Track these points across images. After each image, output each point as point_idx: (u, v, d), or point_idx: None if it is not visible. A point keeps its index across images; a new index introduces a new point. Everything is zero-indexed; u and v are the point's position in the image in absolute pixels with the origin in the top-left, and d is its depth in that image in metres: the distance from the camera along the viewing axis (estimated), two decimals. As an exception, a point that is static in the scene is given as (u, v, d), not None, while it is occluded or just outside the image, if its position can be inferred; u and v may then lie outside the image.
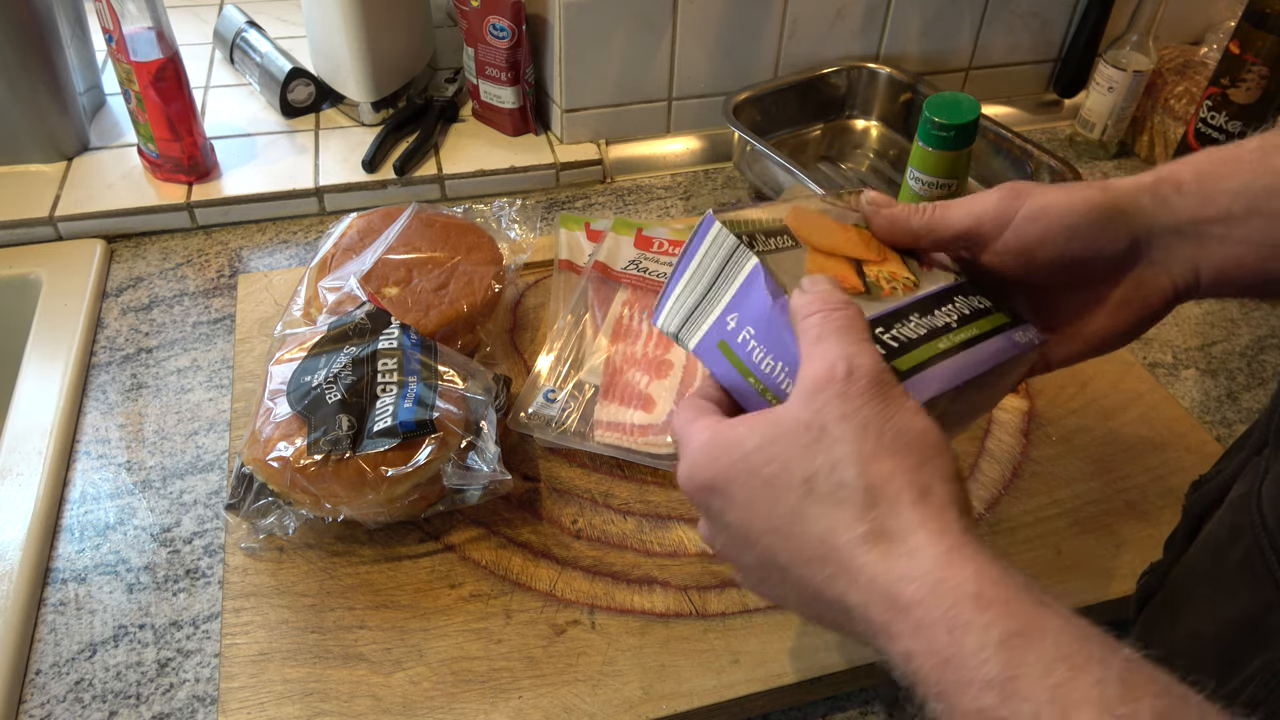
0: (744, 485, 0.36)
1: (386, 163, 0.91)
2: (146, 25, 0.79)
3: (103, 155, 0.91)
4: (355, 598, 0.56)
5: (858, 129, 1.02)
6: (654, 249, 0.78)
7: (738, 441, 0.36)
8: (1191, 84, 1.01)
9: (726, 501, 0.36)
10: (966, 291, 0.46)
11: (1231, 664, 0.39)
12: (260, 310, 0.75)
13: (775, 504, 0.35)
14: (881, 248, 0.46)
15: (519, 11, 0.89)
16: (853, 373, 0.35)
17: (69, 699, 0.53)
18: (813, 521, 0.34)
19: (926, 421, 0.35)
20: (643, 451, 0.64)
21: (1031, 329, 0.46)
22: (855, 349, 0.36)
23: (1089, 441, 0.69)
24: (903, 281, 0.44)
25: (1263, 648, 0.37)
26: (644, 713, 0.52)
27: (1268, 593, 0.38)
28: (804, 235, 0.43)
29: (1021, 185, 0.44)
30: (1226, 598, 0.41)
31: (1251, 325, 0.84)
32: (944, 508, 0.33)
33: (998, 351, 0.43)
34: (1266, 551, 0.38)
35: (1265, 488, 0.40)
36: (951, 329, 0.42)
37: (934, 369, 0.40)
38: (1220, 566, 0.42)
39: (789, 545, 0.35)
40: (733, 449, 0.36)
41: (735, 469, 0.36)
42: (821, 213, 0.46)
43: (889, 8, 0.98)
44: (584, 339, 0.71)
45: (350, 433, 0.55)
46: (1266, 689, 0.37)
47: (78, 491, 0.64)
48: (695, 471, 0.37)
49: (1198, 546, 0.46)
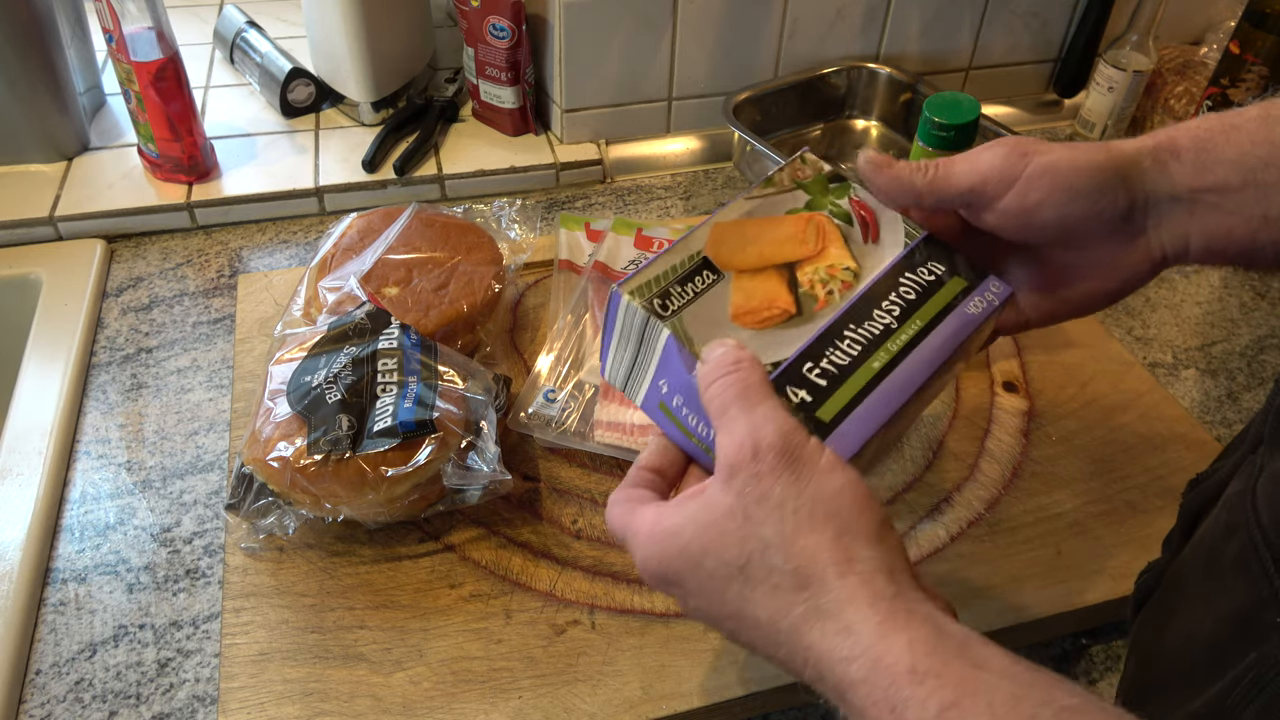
0: (692, 576, 0.36)
1: (386, 163, 0.91)
2: (146, 25, 0.79)
3: (103, 155, 0.91)
4: (355, 598, 0.56)
5: (858, 129, 1.02)
6: (654, 249, 0.78)
7: (677, 532, 0.37)
8: (1191, 84, 1.01)
9: (683, 591, 0.37)
10: (919, 260, 0.44)
11: (1224, 660, 0.39)
12: (260, 310, 0.75)
13: (723, 593, 0.36)
14: (820, 230, 0.45)
15: (519, 11, 0.89)
16: (758, 450, 0.35)
17: (69, 699, 0.53)
18: (758, 607, 0.35)
19: (842, 479, 0.35)
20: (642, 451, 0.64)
21: (996, 283, 0.45)
22: (758, 418, 0.36)
23: (1089, 441, 0.69)
24: (841, 277, 0.43)
25: (1255, 643, 0.37)
26: (644, 713, 0.52)
27: (1261, 589, 0.38)
28: (726, 259, 0.43)
29: (1025, 142, 0.43)
30: (1220, 595, 0.41)
31: (1251, 325, 0.84)
32: (871, 576, 0.33)
33: (949, 338, 0.42)
34: (1260, 548, 0.39)
35: (1260, 485, 0.40)
36: (891, 331, 0.42)
37: (861, 409, 0.39)
38: (1215, 564, 0.42)
39: (745, 628, 0.36)
40: (673, 540, 0.37)
41: (677, 563, 0.36)
42: (745, 217, 0.45)
43: (889, 8, 0.98)
44: (584, 339, 0.71)
45: (350, 433, 0.55)
46: (1258, 685, 0.37)
47: (78, 491, 0.64)
48: (647, 564, 0.38)
49: (1193, 545, 0.46)
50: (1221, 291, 0.87)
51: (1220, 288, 0.88)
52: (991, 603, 0.58)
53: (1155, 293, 0.86)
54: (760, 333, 0.41)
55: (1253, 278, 0.89)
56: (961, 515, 0.63)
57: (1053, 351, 0.76)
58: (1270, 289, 0.88)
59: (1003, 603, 0.58)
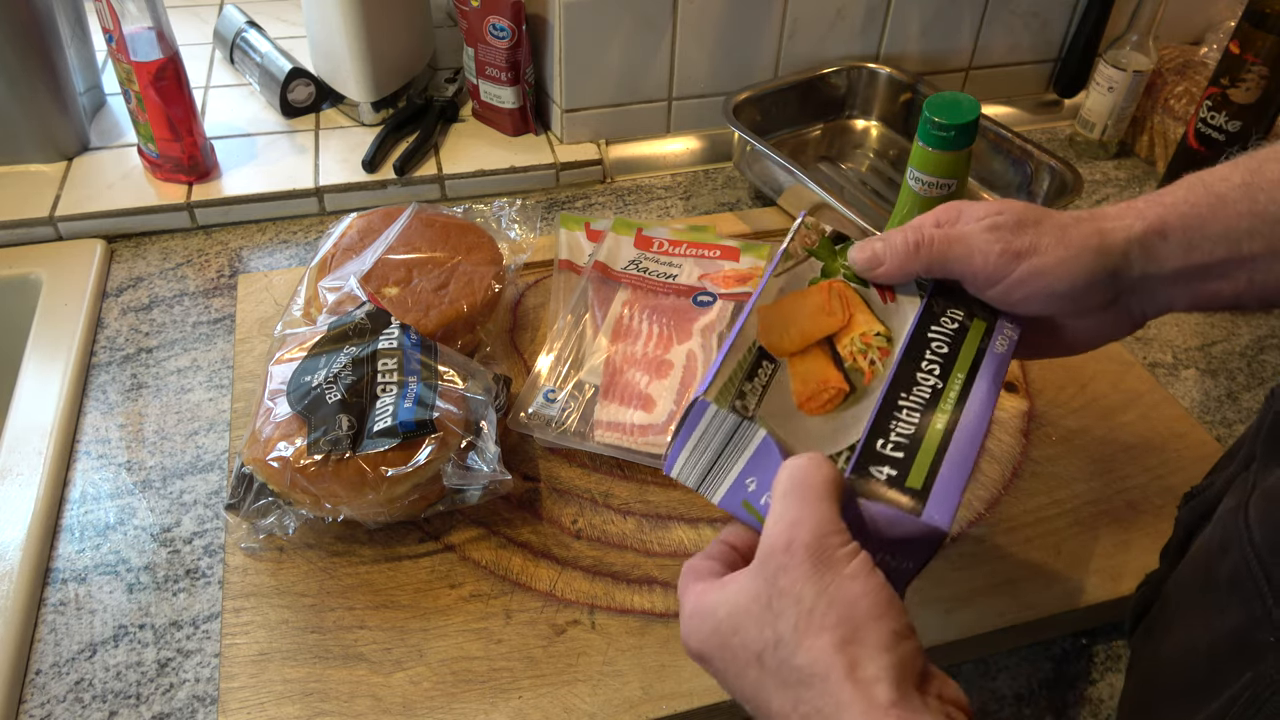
0: (719, 656, 0.38)
1: (386, 163, 0.91)
2: (146, 25, 0.79)
3: (103, 155, 0.91)
4: (355, 598, 0.56)
5: (858, 129, 1.02)
6: (654, 249, 0.78)
7: (711, 611, 0.38)
8: (1191, 84, 1.01)
9: (713, 668, 0.39)
10: (938, 311, 0.47)
11: (1221, 678, 0.39)
12: (260, 310, 0.75)
13: (742, 677, 0.37)
14: (843, 298, 0.47)
15: (519, 11, 0.89)
16: (791, 544, 0.36)
17: (69, 699, 0.53)
18: (770, 696, 0.36)
19: (863, 586, 0.36)
20: (642, 451, 0.64)
21: (1008, 321, 0.47)
22: (803, 514, 0.37)
23: (1089, 441, 0.69)
24: (876, 344, 0.45)
25: (1251, 662, 0.37)
26: (644, 713, 0.52)
27: (1255, 608, 0.38)
28: (776, 345, 0.45)
29: (1021, 240, 0.45)
30: (1216, 612, 0.41)
31: (1251, 325, 0.84)
32: (872, 684, 0.34)
33: (992, 381, 0.45)
34: (1253, 566, 0.39)
35: (1253, 503, 0.41)
36: (940, 391, 0.44)
37: (945, 468, 0.41)
38: (1209, 581, 0.43)
39: (761, 713, 0.37)
40: (708, 619, 0.38)
41: (711, 641, 0.38)
42: (780, 296, 0.47)
43: (889, 8, 0.98)
44: (584, 339, 0.71)
45: (350, 433, 0.55)
46: (1255, 704, 0.37)
47: (78, 491, 0.64)
48: (687, 639, 0.39)
49: (1188, 560, 0.47)
50: (1221, 291, 0.87)
51: (1220, 288, 0.88)
52: (992, 603, 0.58)
53: (1155, 293, 0.86)
54: (827, 418, 0.43)
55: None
56: (961, 515, 0.63)
57: (1053, 351, 0.76)
58: (1270, 289, 0.88)
59: (1003, 603, 0.58)
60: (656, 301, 0.74)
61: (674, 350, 0.70)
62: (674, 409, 0.66)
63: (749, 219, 0.90)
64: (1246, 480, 0.43)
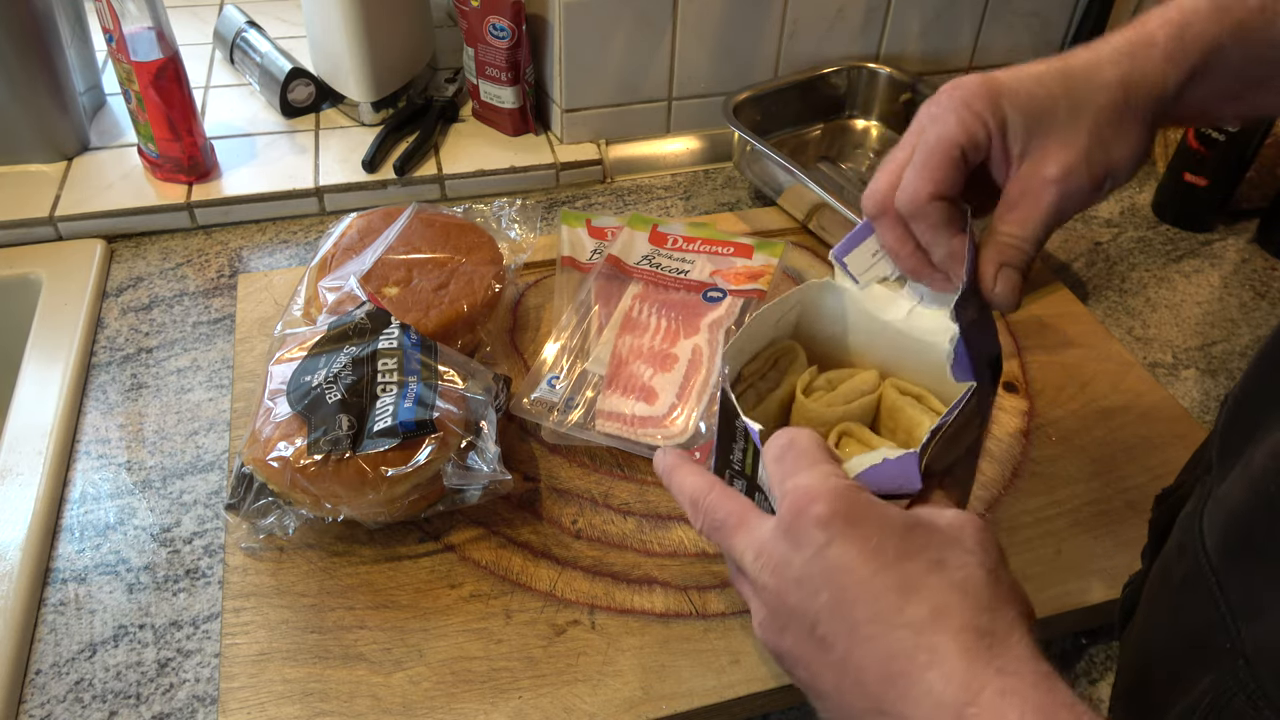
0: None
1: (386, 163, 0.91)
2: (146, 25, 0.79)
3: (103, 155, 0.91)
4: (355, 598, 0.56)
5: (858, 129, 1.02)
6: (668, 245, 0.79)
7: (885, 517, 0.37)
8: (1191, 84, 1.01)
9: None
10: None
11: (1187, 680, 0.39)
12: (260, 310, 0.75)
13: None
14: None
15: (519, 11, 0.89)
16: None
17: (69, 699, 0.53)
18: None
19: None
20: (641, 442, 0.64)
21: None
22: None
23: (1089, 441, 0.69)
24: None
25: (1211, 666, 0.38)
26: (644, 713, 0.52)
27: (1209, 612, 0.38)
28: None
29: (1098, 167, 0.43)
30: (1180, 614, 0.42)
31: (1251, 325, 0.84)
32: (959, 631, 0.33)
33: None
34: (1206, 572, 0.39)
35: (1207, 509, 0.41)
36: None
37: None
38: (1170, 584, 0.43)
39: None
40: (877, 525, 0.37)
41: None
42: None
43: (889, 8, 0.98)
44: (590, 330, 0.71)
45: (350, 433, 0.55)
46: (1216, 709, 0.37)
47: (78, 491, 0.64)
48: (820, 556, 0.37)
49: (1158, 563, 0.47)
50: (1221, 291, 0.87)
51: (1220, 288, 0.88)
52: (991, 603, 0.58)
53: (1155, 293, 0.86)
54: None
55: (1253, 277, 0.89)
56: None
57: (1052, 351, 0.76)
58: (1270, 289, 0.88)
59: (1003, 603, 0.58)
60: (667, 296, 0.74)
61: (680, 344, 0.70)
62: (675, 402, 0.66)
63: (749, 219, 0.90)
64: (1205, 485, 0.44)
